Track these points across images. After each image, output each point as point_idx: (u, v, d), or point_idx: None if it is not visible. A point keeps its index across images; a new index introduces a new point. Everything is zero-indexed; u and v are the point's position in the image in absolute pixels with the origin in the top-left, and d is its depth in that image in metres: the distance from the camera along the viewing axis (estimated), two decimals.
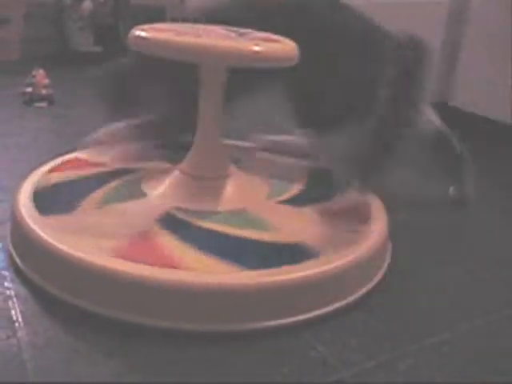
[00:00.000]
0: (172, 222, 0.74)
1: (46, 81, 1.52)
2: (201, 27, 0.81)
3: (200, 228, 0.73)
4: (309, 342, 0.63)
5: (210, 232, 0.73)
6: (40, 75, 1.53)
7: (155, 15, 2.98)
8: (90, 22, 2.10)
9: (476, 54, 1.44)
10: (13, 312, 0.64)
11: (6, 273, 0.72)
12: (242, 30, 0.81)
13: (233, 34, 0.78)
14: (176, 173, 0.83)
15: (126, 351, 0.60)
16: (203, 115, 0.80)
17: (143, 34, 0.72)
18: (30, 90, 1.51)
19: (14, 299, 0.67)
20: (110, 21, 2.15)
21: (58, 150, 1.01)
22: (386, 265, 0.78)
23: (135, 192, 0.83)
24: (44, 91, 1.51)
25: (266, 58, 0.70)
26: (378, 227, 0.78)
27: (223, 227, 0.73)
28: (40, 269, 0.70)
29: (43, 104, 1.50)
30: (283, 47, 0.74)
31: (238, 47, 0.69)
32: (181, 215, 0.76)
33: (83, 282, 0.65)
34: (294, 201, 0.85)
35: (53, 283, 0.67)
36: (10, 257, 0.75)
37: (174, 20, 2.95)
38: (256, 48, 0.69)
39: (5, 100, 1.55)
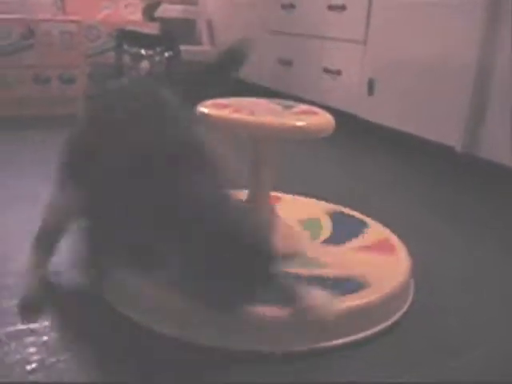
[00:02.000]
0: None
1: None
2: (252, 101, 0.98)
3: None
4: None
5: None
6: None
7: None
8: None
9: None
10: None
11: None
12: (287, 103, 0.98)
13: (279, 108, 0.94)
14: None
15: None
16: (255, 180, 0.96)
17: (206, 110, 0.89)
18: None
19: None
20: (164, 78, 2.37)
21: None
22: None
23: None
24: None
25: (307, 131, 0.87)
26: (403, 255, 0.95)
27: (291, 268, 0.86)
28: None
29: None
30: (321, 120, 0.90)
31: (283, 123, 0.86)
32: None
33: None
34: (332, 240, 1.01)
35: None
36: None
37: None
38: (299, 123, 0.86)
39: None
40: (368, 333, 0.83)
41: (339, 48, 2.26)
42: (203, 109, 0.90)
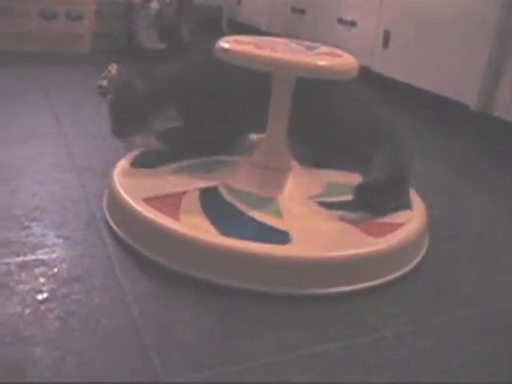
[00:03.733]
0: (208, 191, 0.92)
1: None
2: (273, 40, 0.95)
3: (225, 201, 0.90)
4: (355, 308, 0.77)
5: (229, 205, 0.89)
6: (115, 69, 1.70)
7: (213, 14, 3.14)
8: (156, 21, 2.26)
9: None
10: (115, 268, 0.80)
11: (106, 238, 0.88)
12: (310, 44, 0.95)
13: (302, 48, 0.91)
14: (244, 162, 0.98)
15: (208, 303, 0.75)
16: (274, 115, 0.94)
17: (227, 45, 0.86)
18: (105, 83, 1.68)
19: (115, 259, 0.83)
20: (174, 20, 2.31)
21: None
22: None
23: (205, 169, 1.01)
24: None
25: (329, 70, 0.84)
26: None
27: (244, 206, 0.88)
28: (129, 231, 0.87)
29: None
30: (344, 61, 0.87)
31: (306, 61, 0.83)
32: (221, 189, 0.93)
33: (162, 242, 0.83)
34: (331, 206, 0.93)
35: (140, 244, 0.85)
36: (107, 223, 0.91)
37: (230, 19, 3.10)
38: (321, 62, 0.83)
39: (82, 90, 1.72)
40: (383, 280, 0.82)
41: None
42: (224, 44, 0.87)
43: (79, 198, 1.01)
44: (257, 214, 0.86)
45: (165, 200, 0.88)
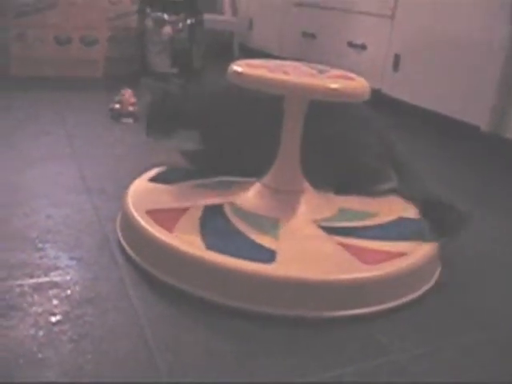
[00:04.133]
0: (211, 208, 0.93)
1: (133, 99, 1.71)
2: (285, 64, 0.96)
3: (226, 219, 0.91)
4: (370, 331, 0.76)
5: (228, 224, 0.89)
6: (128, 94, 1.72)
7: (225, 39, 3.18)
8: (169, 46, 2.30)
9: None
10: (128, 290, 0.80)
11: (118, 260, 0.88)
12: (321, 67, 0.96)
13: (314, 71, 0.92)
14: (257, 183, 0.99)
15: (218, 324, 0.74)
16: (286, 138, 0.94)
17: (240, 69, 0.87)
18: (118, 106, 1.70)
19: (127, 280, 0.83)
20: (186, 45, 2.34)
21: (148, 162, 1.17)
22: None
23: (219, 189, 1.03)
24: (131, 108, 1.69)
25: (341, 93, 0.84)
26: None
27: (244, 226, 0.89)
28: (141, 252, 0.88)
29: (130, 120, 1.69)
30: (356, 84, 0.88)
31: (319, 84, 0.84)
32: (226, 207, 0.94)
33: (172, 263, 0.83)
34: (333, 230, 0.91)
35: (149, 263, 0.86)
36: (121, 246, 0.91)
37: (241, 44, 3.14)
38: (333, 85, 0.84)
39: (94, 114, 1.74)
40: (398, 302, 0.81)
41: (365, 22, 2.21)
42: (237, 67, 0.88)
43: (92, 220, 1.01)
44: (254, 234, 0.86)
45: (166, 213, 0.90)
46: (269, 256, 0.80)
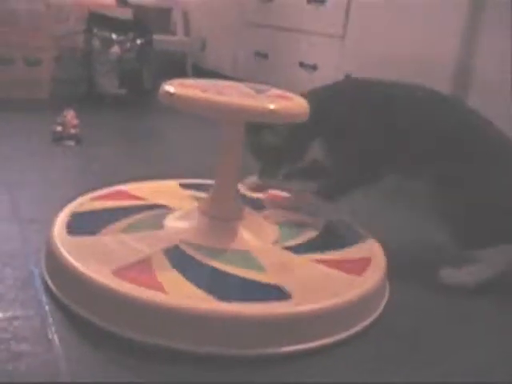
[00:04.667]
0: (176, 253, 0.84)
1: (76, 121, 1.64)
2: (222, 84, 0.92)
3: (200, 262, 0.82)
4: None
5: (206, 267, 0.81)
6: (70, 115, 1.65)
7: (177, 60, 3.13)
8: (117, 66, 2.23)
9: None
10: (49, 331, 0.73)
11: (42, 297, 0.81)
12: (260, 87, 0.91)
13: (252, 91, 0.88)
14: (196, 211, 0.93)
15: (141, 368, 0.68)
16: (223, 163, 0.89)
17: (172, 89, 0.82)
18: (59, 128, 1.62)
19: (50, 320, 0.76)
20: (135, 65, 2.28)
21: (85, 186, 1.11)
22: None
23: (156, 224, 0.93)
24: (73, 131, 1.62)
25: (279, 115, 0.80)
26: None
27: (221, 264, 0.82)
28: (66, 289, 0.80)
29: (71, 143, 1.61)
30: (294, 105, 0.84)
31: (255, 105, 0.79)
32: (187, 248, 0.85)
33: (100, 303, 0.75)
34: (297, 248, 0.91)
35: (76, 303, 0.77)
36: (45, 282, 0.84)
37: (194, 64, 3.10)
38: (271, 106, 0.79)
39: (35, 136, 1.66)
40: (342, 335, 0.77)
41: (316, 42, 2.20)
42: (168, 88, 0.82)
43: (19, 252, 0.94)
44: (238, 271, 0.81)
45: (135, 268, 0.78)
46: (279, 292, 0.76)
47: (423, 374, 0.73)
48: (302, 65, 2.25)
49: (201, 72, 3.06)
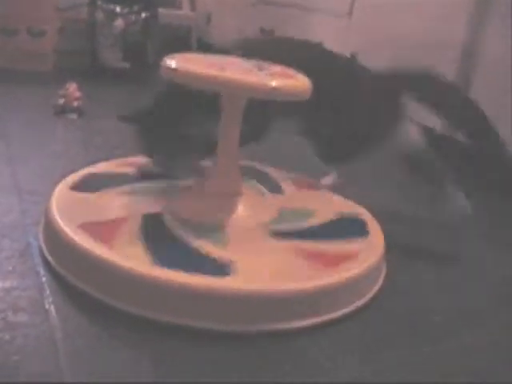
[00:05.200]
0: (151, 219, 0.85)
1: (78, 94, 1.63)
2: (225, 59, 0.91)
3: (167, 230, 0.83)
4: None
5: (171, 235, 0.82)
6: (73, 88, 1.64)
7: (182, 34, 3.10)
8: (121, 39, 2.22)
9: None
10: (45, 302, 0.74)
11: (39, 269, 0.82)
12: (262, 64, 0.90)
13: (254, 68, 0.87)
14: (194, 187, 0.93)
15: (140, 341, 0.69)
16: (224, 139, 0.89)
17: (174, 64, 0.81)
18: (62, 101, 1.62)
19: (47, 291, 0.76)
20: (139, 39, 2.26)
21: (88, 160, 1.11)
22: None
23: (153, 194, 0.95)
24: (75, 103, 1.61)
25: (281, 92, 0.79)
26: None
27: (188, 235, 0.82)
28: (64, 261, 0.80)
29: (74, 116, 1.60)
30: (297, 83, 0.83)
31: (257, 82, 0.79)
32: (166, 217, 0.86)
33: (100, 276, 0.76)
34: (283, 233, 0.88)
35: (76, 276, 0.78)
36: (43, 253, 0.85)
37: (199, 39, 3.07)
38: (273, 83, 0.79)
39: (37, 109, 1.66)
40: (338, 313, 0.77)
41: (323, 20, 2.18)
42: (170, 62, 0.82)
43: (18, 223, 0.94)
44: (200, 244, 0.80)
45: (102, 226, 0.81)
46: (222, 269, 0.75)
47: (421, 352, 0.74)
48: None
49: (205, 46, 3.03)
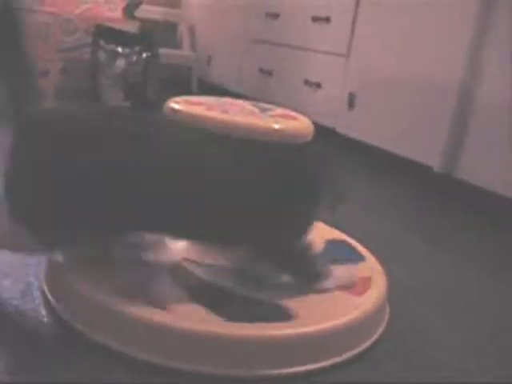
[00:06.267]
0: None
1: None
2: (227, 102, 0.92)
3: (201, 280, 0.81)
4: None
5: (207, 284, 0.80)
6: None
7: (183, 74, 3.16)
8: (122, 79, 2.25)
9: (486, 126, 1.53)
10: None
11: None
12: (264, 106, 0.92)
13: (256, 110, 0.88)
14: None
15: None
16: None
17: (177, 106, 0.83)
18: None
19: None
20: (140, 79, 2.30)
21: None
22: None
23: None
24: None
25: (283, 134, 0.80)
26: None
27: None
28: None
29: None
30: (299, 124, 0.84)
31: (260, 124, 0.80)
32: (189, 266, 0.83)
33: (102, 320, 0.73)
34: None
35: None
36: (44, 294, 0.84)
37: (200, 79, 3.12)
38: (276, 126, 0.80)
39: None
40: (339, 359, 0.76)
41: (321, 60, 2.22)
42: (174, 105, 0.83)
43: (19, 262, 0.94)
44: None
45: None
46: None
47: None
48: (306, 83, 2.26)
49: (205, 86, 3.08)
